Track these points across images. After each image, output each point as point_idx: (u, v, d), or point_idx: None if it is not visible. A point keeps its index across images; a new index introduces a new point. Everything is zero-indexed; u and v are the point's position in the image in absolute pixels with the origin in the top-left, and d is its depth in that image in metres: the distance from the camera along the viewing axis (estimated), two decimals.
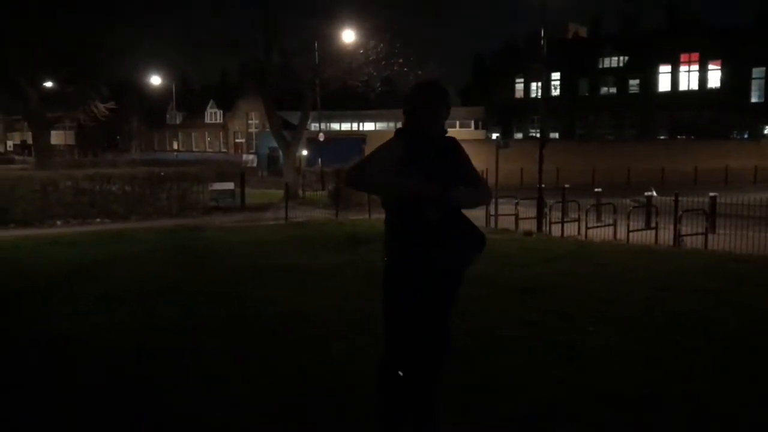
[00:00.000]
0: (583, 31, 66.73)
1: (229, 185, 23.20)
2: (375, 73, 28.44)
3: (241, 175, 24.06)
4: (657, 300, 7.41)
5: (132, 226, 17.21)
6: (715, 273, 9.27)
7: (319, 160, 33.73)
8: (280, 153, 32.94)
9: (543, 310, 6.87)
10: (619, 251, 11.93)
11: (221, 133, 68.03)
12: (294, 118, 35.37)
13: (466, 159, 3.63)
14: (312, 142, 37.79)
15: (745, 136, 51.54)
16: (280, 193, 26.26)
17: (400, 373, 3.50)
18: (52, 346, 5.91)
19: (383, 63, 27.85)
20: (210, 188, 22.34)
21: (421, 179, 3.34)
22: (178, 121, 74.46)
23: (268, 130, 35.36)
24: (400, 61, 27.38)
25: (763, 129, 52.20)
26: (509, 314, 6.74)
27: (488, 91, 66.48)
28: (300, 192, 27.62)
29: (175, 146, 71.71)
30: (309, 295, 7.84)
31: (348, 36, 27.81)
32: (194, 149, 67.53)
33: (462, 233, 3.46)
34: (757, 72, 53.75)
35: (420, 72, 27.84)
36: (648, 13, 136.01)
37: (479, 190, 3.59)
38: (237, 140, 65.86)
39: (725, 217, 15.61)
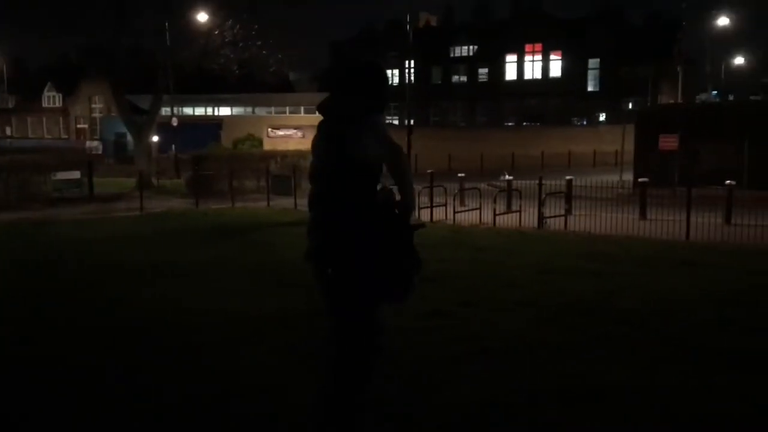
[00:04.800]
0: (433, 20, 68.31)
1: (75, 174, 21.45)
2: (232, 56, 27.30)
3: (88, 163, 22.29)
4: (546, 284, 7.45)
5: None
6: (589, 255, 9.54)
7: (173, 146, 32.25)
8: (129, 139, 30.99)
9: (439, 300, 6.66)
10: (492, 235, 12.10)
11: (61, 118, 63.12)
12: (142, 101, 33.35)
13: None
14: (164, 128, 35.88)
15: (584, 122, 55.14)
16: (132, 181, 24.71)
17: None
18: None
19: (241, 45, 26.81)
20: (53, 178, 20.47)
21: None
22: (10, 105, 68.14)
23: (113, 114, 33.12)
24: (259, 43, 26.49)
25: (599, 116, 56.08)
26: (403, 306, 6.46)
27: None
28: (154, 180, 26.06)
29: (9, 132, 65.67)
30: (189, 296, 7.15)
31: (202, 16, 26.50)
32: (31, 136, 62.23)
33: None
34: (593, 63, 57.61)
35: (280, 56, 27.16)
36: (497, 3, 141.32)
37: None
38: (79, 126, 61.44)
39: (576, 199, 16.34)
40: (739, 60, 50.66)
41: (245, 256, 9.75)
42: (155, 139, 36.68)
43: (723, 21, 36.45)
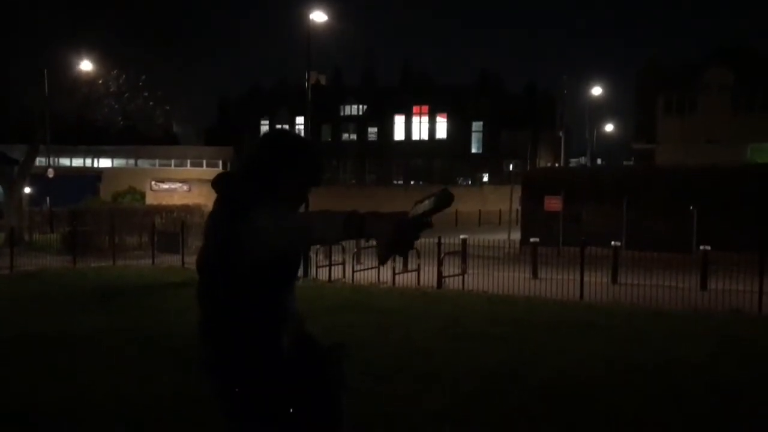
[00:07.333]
0: (323, 79, 69.19)
1: None
2: (116, 107, 26.15)
3: None
4: (459, 352, 7.25)
5: None
6: (494, 318, 9.48)
7: (47, 199, 30.40)
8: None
9: (349, 373, 6.28)
10: (395, 296, 11.88)
11: None
12: (11, 151, 31.29)
13: None
14: (38, 180, 33.74)
15: (469, 182, 56.96)
16: (1, 237, 22.83)
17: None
18: None
19: (126, 96, 25.74)
20: None
21: None
22: None
23: None
24: (145, 95, 25.54)
25: (482, 177, 58.17)
26: None
27: (233, 131, 65.63)
28: (26, 236, 24.21)
29: None
30: (73, 378, 6.35)
31: (86, 65, 25.26)
32: None
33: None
34: (476, 126, 60.10)
35: (168, 107, 26.31)
36: (385, 68, 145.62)
37: None
38: None
39: (469, 258, 16.44)
40: (609, 127, 54.34)
41: (134, 323, 8.98)
42: (27, 191, 34.43)
43: (597, 91, 39.08)
